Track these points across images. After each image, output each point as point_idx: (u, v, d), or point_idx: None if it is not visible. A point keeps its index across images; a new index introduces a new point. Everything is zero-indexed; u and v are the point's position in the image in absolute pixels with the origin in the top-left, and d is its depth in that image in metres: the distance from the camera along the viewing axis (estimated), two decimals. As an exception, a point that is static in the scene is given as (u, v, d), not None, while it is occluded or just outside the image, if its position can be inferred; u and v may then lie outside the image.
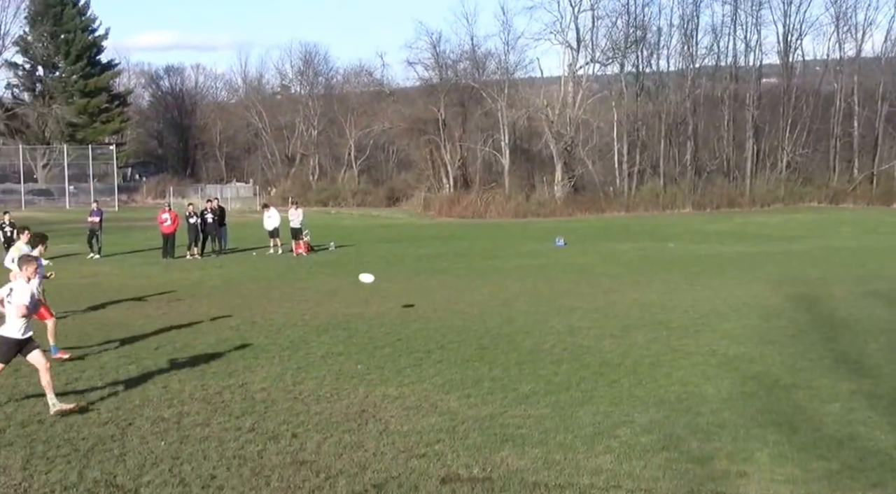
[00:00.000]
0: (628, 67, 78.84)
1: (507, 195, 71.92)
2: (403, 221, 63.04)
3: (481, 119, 79.64)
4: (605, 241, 42.33)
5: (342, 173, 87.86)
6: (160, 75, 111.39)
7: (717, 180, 76.00)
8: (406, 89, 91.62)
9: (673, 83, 79.62)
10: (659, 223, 56.75)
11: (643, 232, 48.92)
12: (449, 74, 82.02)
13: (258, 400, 12.06)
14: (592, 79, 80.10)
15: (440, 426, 10.87)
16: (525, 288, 24.51)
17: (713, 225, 52.92)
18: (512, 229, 53.52)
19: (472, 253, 35.63)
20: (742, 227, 51.15)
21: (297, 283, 25.88)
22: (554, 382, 13.09)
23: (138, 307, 21.13)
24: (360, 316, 19.45)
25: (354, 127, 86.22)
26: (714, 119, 79.40)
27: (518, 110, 77.80)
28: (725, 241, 41.87)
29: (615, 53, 78.61)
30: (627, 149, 74.96)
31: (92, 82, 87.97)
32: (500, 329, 17.73)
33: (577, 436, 10.39)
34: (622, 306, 20.73)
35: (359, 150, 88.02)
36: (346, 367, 14.16)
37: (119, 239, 40.82)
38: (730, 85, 78.25)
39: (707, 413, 11.35)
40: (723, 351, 15.31)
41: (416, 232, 50.37)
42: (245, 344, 16.11)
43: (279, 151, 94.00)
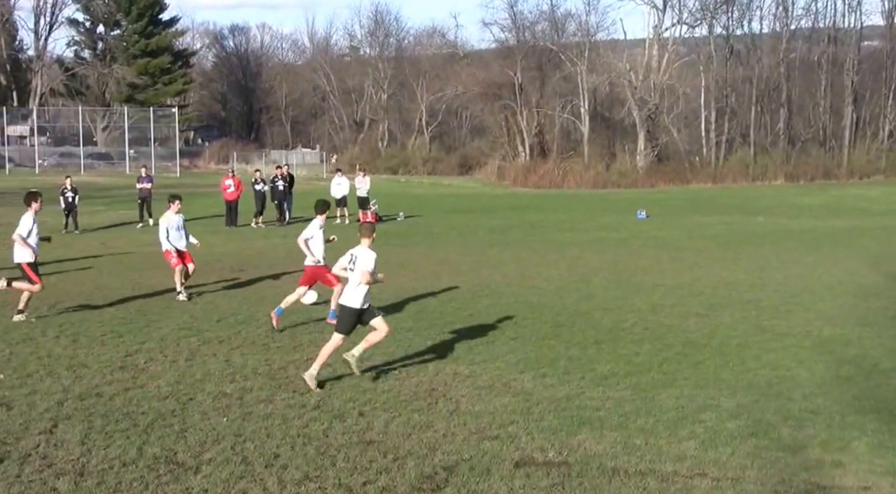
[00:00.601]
0: (718, 29, 77.60)
1: (587, 164, 71.43)
2: (476, 191, 62.97)
3: (560, 84, 79.06)
4: (690, 214, 41.85)
5: (412, 140, 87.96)
6: (224, 35, 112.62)
7: (811, 150, 74.60)
8: (481, 52, 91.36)
9: (766, 46, 78.17)
10: (748, 195, 55.93)
11: (731, 204, 48.26)
12: (526, 36, 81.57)
13: (324, 376, 12.14)
14: (679, 42, 79.02)
15: (514, 407, 10.85)
16: (604, 262, 24.34)
17: (807, 198, 52.00)
18: (591, 200, 53.18)
19: (548, 225, 35.48)
20: (838, 201, 50.19)
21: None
22: (634, 363, 12.99)
23: (200, 277, 21.38)
24: (430, 289, 19.48)
25: (426, 91, 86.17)
26: (810, 85, 77.77)
27: (599, 75, 77.11)
28: (820, 215, 41.13)
29: (704, 14, 77.42)
30: (715, 116, 73.87)
31: (154, 41, 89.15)
32: (578, 305, 17.64)
33: (659, 420, 10.30)
34: (708, 283, 20.48)
35: (430, 116, 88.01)
36: (416, 343, 14.20)
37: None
38: (828, 48, 76.52)
39: (799, 398, 11.18)
40: (817, 332, 15.06)
41: (489, 202, 50.28)
42: (310, 317, 16.21)
43: (347, 116, 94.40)
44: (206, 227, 33.66)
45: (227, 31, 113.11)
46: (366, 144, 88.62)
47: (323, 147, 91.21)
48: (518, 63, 77.29)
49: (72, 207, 32.19)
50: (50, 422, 10.13)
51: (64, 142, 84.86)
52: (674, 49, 77.17)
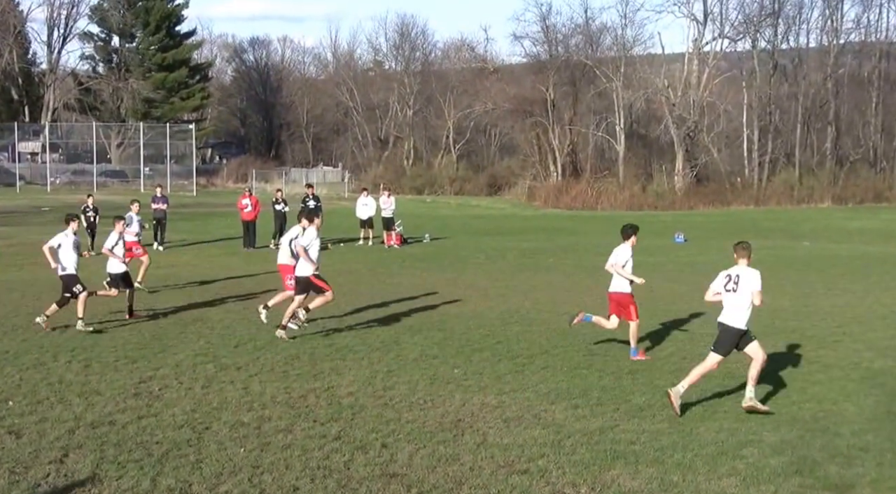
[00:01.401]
0: (762, 43, 77.56)
1: (622, 185, 71.41)
2: (506, 212, 63.06)
3: (594, 100, 79.16)
4: (731, 238, 41.34)
5: (439, 158, 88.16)
6: (244, 48, 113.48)
7: (861, 171, 74.29)
8: (511, 66, 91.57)
9: (813, 61, 78.02)
10: (793, 218, 55.72)
11: (775, 228, 48.07)
12: (559, 50, 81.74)
13: (345, 406, 12.18)
14: (720, 56, 78.93)
15: (544, 439, 10.85)
16: (639, 288, 24.23)
17: (856, 221, 51.72)
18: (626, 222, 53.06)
19: (581, 249, 35.44)
20: (890, 225, 49.90)
21: (389, 278, 26.07)
22: (672, 395, 12.94)
23: (217, 300, 21.52)
24: (457, 315, 19.51)
25: (454, 107, 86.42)
26: (860, 102, 77.53)
27: (635, 91, 77.15)
28: (870, 240, 40.90)
29: (747, 28, 77.38)
30: (758, 135, 73.68)
31: (171, 55, 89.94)
32: (612, 333, 17.59)
33: (698, 455, 10.27)
34: (750, 311, 20.37)
35: (458, 133, 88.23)
36: (442, 371, 14.22)
37: (198, 226, 41.66)
38: (879, 63, 76.32)
39: (847, 434, 11.11)
40: (866, 364, 14.98)
41: (519, 223, 50.31)
42: (332, 343, 16.28)
43: (371, 133, 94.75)
44: (224, 249, 33.90)
45: (247, 44, 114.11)
46: (390, 163, 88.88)
47: (345, 165, 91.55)
48: (550, 78, 77.41)
49: (94, 226, 32.38)
50: (61, 451, 10.21)
51: (77, 159, 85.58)
52: (714, 64, 77.08)
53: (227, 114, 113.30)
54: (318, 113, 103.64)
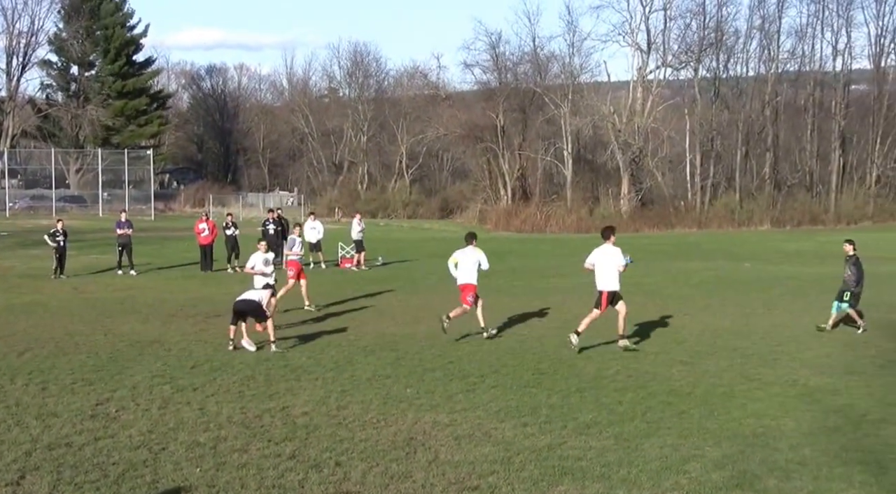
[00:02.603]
0: (703, 72, 78.45)
1: (569, 208, 71.75)
2: (457, 235, 62.75)
3: (543, 126, 79.59)
4: (675, 260, 42.00)
5: (393, 182, 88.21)
6: (201, 76, 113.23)
7: (798, 195, 75.19)
8: (463, 93, 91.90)
9: (751, 90, 78.96)
10: (734, 241, 56.20)
11: (716, 250, 48.47)
12: (509, 78, 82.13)
13: (300, 425, 12.13)
14: (664, 84, 79.77)
15: (494, 456, 10.86)
16: (587, 309, 24.34)
17: (793, 243, 52.23)
18: (574, 245, 53.26)
19: (530, 271, 35.55)
20: (825, 247, 50.39)
21: (344, 301, 25.98)
22: (617, 412, 13.02)
23: (174, 323, 21.35)
24: (410, 336, 19.51)
25: (406, 133, 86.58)
26: (796, 129, 78.58)
27: (582, 117, 77.67)
28: (807, 262, 41.32)
29: (689, 57, 78.21)
30: (700, 160, 74.40)
31: (130, 83, 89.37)
32: (560, 352, 17.67)
33: (643, 471, 10.33)
34: (692, 330, 20.57)
35: (411, 158, 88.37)
36: (394, 391, 14.20)
37: (155, 250, 41.32)
38: (814, 92, 77.45)
39: (786, 449, 11.22)
40: (803, 381, 15.13)
41: (470, 246, 50.34)
42: (287, 364, 16.22)
43: (326, 158, 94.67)
44: (182, 272, 33.64)
45: (204, 71, 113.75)
46: (345, 187, 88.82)
47: (301, 189, 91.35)
48: (500, 105, 77.78)
49: (63, 250, 31.95)
50: (17, 473, 10.08)
51: (35, 185, 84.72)
52: (658, 92, 77.87)
53: (185, 140, 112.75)
54: (274, 139, 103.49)
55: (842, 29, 78.39)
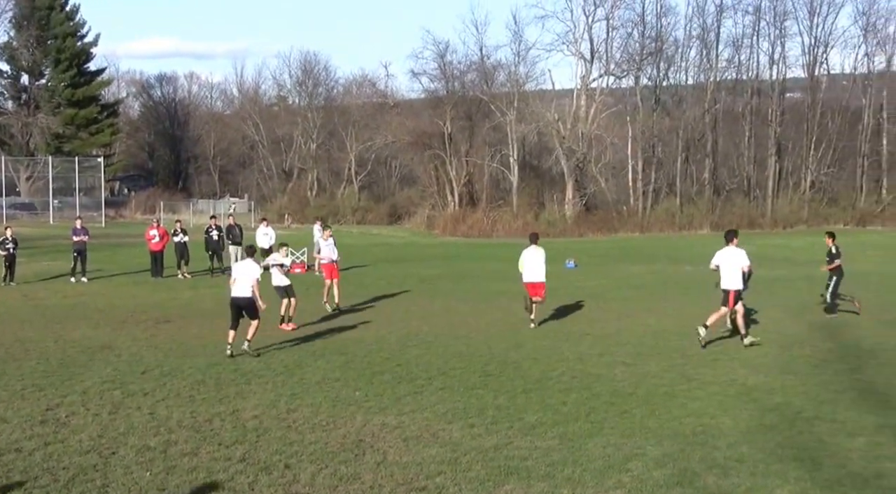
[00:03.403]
0: (644, 80, 78.96)
1: (515, 213, 71.89)
2: (406, 240, 63.08)
3: (489, 133, 79.72)
4: (618, 263, 42.28)
5: (342, 189, 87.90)
6: (152, 84, 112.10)
7: (736, 200, 75.90)
8: (411, 101, 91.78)
9: (691, 97, 79.66)
10: (674, 244, 56.70)
11: (658, 253, 48.87)
12: (456, 86, 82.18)
13: (250, 429, 12.06)
14: (606, 92, 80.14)
15: (441, 457, 10.86)
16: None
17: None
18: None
19: (477, 275, 35.59)
20: (762, 250, 50.91)
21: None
22: (562, 412, 13.08)
23: (125, 328, 21.14)
24: (359, 339, 19.46)
25: (355, 140, 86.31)
26: (734, 135, 79.36)
27: (528, 124, 77.86)
28: (745, 264, 41.71)
29: (630, 65, 78.73)
30: (642, 166, 74.93)
31: (80, 92, 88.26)
32: (507, 355, 17.72)
33: (586, 470, 10.38)
34: (635, 332, 20.72)
35: (360, 165, 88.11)
36: (344, 394, 14.16)
37: (106, 257, 40.82)
38: (751, 99, 78.28)
39: (724, 446, 11.33)
40: (741, 380, 15.29)
41: (418, 251, 50.36)
42: (237, 368, 16.12)
43: (276, 165, 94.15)
44: (133, 278, 33.28)
45: (155, 80, 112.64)
46: (294, 194, 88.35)
47: (251, 196, 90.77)
48: (447, 113, 77.79)
49: (13, 258, 31.45)
50: (-34, 479, 9.93)
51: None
52: (601, 99, 78.16)
53: (136, 148, 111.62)
54: (224, 146, 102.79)
55: (777, 39, 79.31)
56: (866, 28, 78.76)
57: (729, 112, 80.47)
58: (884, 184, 77.31)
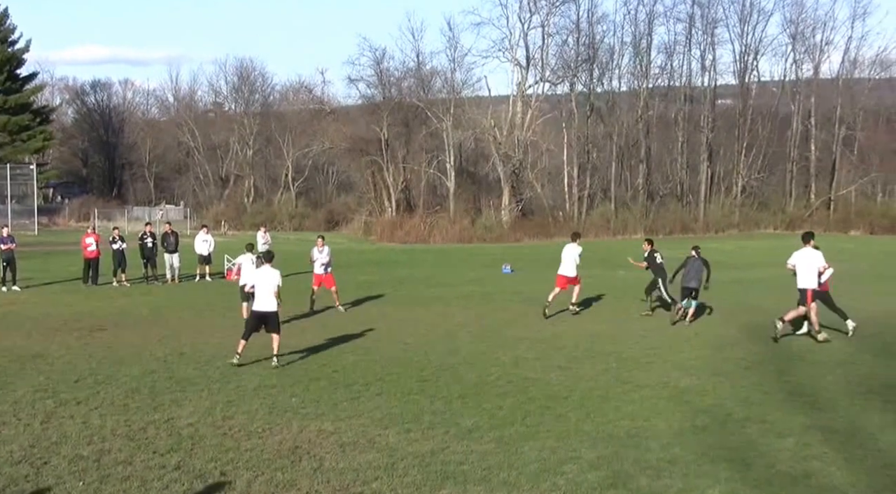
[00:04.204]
0: (579, 87, 79.55)
1: (452, 219, 72.03)
2: (343, 246, 62.82)
3: (426, 140, 79.79)
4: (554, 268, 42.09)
5: (279, 195, 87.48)
6: (86, 91, 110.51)
7: (670, 205, 76.77)
8: (348, 107, 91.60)
9: (625, 104, 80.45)
10: (609, 249, 57.08)
11: (593, 258, 49.08)
12: (392, 92, 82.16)
13: (185, 436, 11.95)
14: (542, 99, 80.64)
15: (378, 463, 10.85)
16: (470, 317, 24.56)
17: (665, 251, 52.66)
18: (457, 255, 53.60)
19: (414, 280, 35.61)
20: (696, 254, 51.53)
21: (229, 312, 25.65)
22: (498, 416, 13.12)
23: (58, 337, 20.81)
24: (295, 346, 19.34)
25: (292, 147, 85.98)
26: (667, 141, 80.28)
27: (464, 131, 78.10)
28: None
29: (565, 72, 79.30)
30: (578, 172, 75.52)
31: (12, 99, 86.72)
32: (443, 360, 17.74)
33: (522, 473, 10.43)
34: (570, 336, 20.85)
35: (297, 171, 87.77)
36: (280, 401, 14.08)
37: (39, 265, 40.19)
38: (684, 106, 79.26)
39: (657, 448, 11.45)
40: (674, 383, 15.46)
41: (355, 257, 50.24)
42: (172, 376, 15.95)
43: (212, 172, 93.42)
44: (66, 287, 32.78)
45: (89, 86, 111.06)
46: (231, 200, 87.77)
47: (187, 203, 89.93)
48: (384, 119, 77.75)
49: None
50: None
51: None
52: (537, 106, 78.64)
53: (69, 155, 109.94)
54: (159, 153, 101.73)
55: (708, 46, 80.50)
56: (794, 36, 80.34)
57: (662, 118, 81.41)
58: (812, 189, 78.73)
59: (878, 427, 12.46)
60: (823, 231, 72.97)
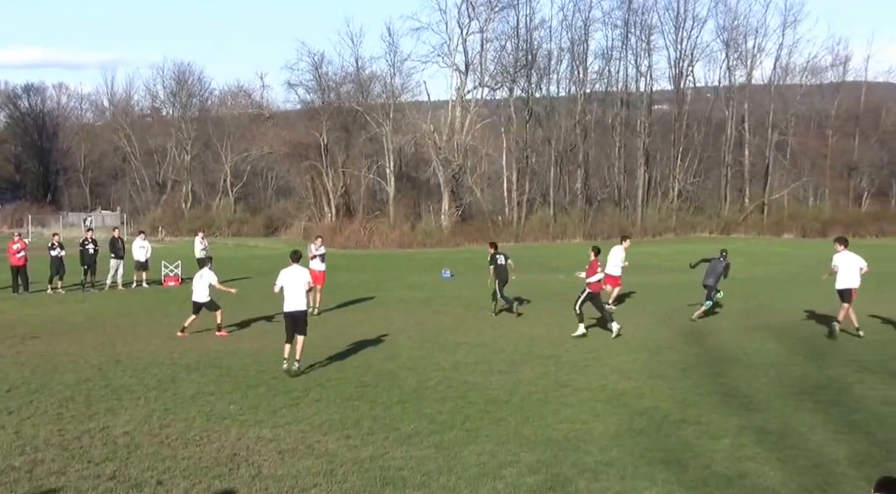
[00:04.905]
0: (518, 92, 79.87)
1: (392, 224, 71.92)
2: (282, 252, 62.30)
3: (365, 145, 79.66)
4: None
5: (217, 201, 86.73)
6: (18, 94, 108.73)
7: (608, 209, 77.31)
8: (287, 112, 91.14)
9: (563, 109, 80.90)
10: (548, 253, 57.43)
11: (532, 263, 49.43)
12: (332, 97, 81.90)
13: (121, 445, 11.79)
14: (481, 104, 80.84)
15: (317, 469, 10.80)
16: (409, 322, 24.55)
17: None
18: (397, 260, 53.56)
19: (354, 286, 35.51)
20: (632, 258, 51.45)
21: (166, 319, 25.40)
22: (438, 421, 13.12)
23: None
24: (234, 353, 19.21)
25: (231, 151, 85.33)
26: (605, 146, 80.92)
27: (404, 136, 78.05)
28: (617, 272, 42.50)
29: (504, 77, 79.59)
30: (517, 176, 75.78)
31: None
32: (383, 365, 17.71)
33: (461, 478, 10.43)
34: (510, 341, 20.91)
35: (235, 177, 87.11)
36: (218, 408, 13.96)
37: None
38: (621, 111, 79.92)
39: (595, 451, 11.52)
40: (612, 386, 15.57)
41: (295, 263, 49.95)
42: (108, 384, 15.74)
43: (149, 177, 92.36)
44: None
45: (22, 90, 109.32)
46: (169, 206, 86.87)
47: (124, 209, 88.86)
48: (324, 124, 77.48)
49: None
50: None
51: None
52: (476, 111, 78.84)
53: (1, 160, 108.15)
54: (95, 158, 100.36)
55: (644, 52, 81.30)
56: (728, 43, 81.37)
57: (600, 123, 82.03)
58: (746, 193, 79.76)
59: (809, 428, 12.66)
60: (757, 234, 74.09)
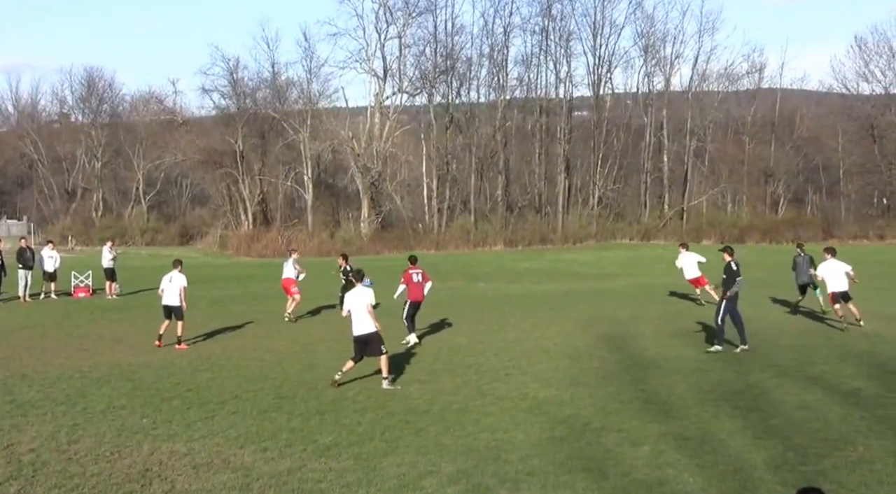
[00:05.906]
0: (437, 98, 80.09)
1: (311, 232, 71.60)
2: (197, 261, 61.78)
3: (283, 151, 79.21)
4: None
5: (129, 209, 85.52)
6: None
7: (528, 216, 77.77)
8: (201, 119, 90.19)
9: (483, 115, 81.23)
10: (469, 261, 57.60)
11: (453, 270, 49.54)
12: (247, 103, 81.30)
13: (26, 463, 11.55)
14: (400, 110, 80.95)
15: (233, 483, 10.69)
16: (328, 331, 24.44)
17: (524, 263, 54.07)
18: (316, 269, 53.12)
19: (272, 296, 35.21)
20: (553, 265, 52.47)
21: (75, 330, 24.95)
22: (357, 432, 13.07)
23: None
24: (147, 365, 18.94)
25: (143, 159, 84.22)
26: (525, 153, 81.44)
27: (322, 142, 77.76)
28: (537, 280, 42.87)
29: (423, 83, 79.72)
30: (437, 183, 75.94)
31: None
32: (301, 376, 17.60)
33: (381, 490, 10.42)
34: (430, 349, 20.93)
35: (148, 184, 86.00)
36: (130, 422, 13.74)
37: None
38: (541, 118, 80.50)
39: (516, 460, 11.57)
40: (533, 394, 15.66)
41: (210, 272, 49.50)
42: (13, 399, 15.40)
43: (57, 185, 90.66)
44: None
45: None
46: (78, 215, 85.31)
47: (31, 218, 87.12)
48: (239, 130, 76.90)
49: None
50: None
51: None
52: (395, 117, 78.93)
53: None
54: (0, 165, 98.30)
55: (563, 58, 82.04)
56: (646, 49, 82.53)
57: (520, 129, 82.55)
58: (666, 199, 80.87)
59: (728, 433, 12.86)
60: (676, 240, 75.16)
